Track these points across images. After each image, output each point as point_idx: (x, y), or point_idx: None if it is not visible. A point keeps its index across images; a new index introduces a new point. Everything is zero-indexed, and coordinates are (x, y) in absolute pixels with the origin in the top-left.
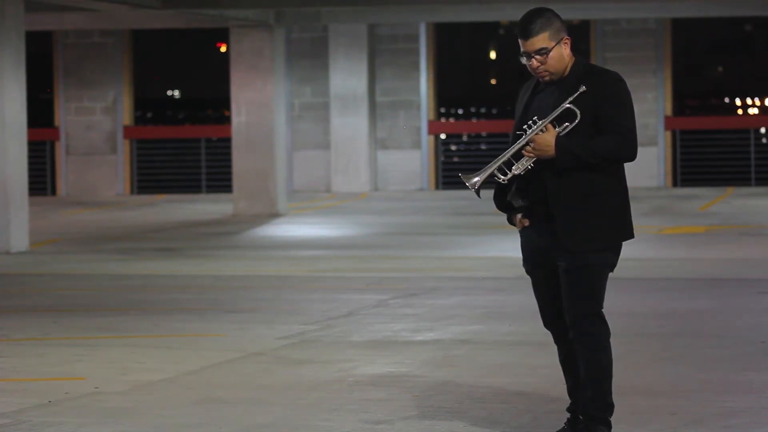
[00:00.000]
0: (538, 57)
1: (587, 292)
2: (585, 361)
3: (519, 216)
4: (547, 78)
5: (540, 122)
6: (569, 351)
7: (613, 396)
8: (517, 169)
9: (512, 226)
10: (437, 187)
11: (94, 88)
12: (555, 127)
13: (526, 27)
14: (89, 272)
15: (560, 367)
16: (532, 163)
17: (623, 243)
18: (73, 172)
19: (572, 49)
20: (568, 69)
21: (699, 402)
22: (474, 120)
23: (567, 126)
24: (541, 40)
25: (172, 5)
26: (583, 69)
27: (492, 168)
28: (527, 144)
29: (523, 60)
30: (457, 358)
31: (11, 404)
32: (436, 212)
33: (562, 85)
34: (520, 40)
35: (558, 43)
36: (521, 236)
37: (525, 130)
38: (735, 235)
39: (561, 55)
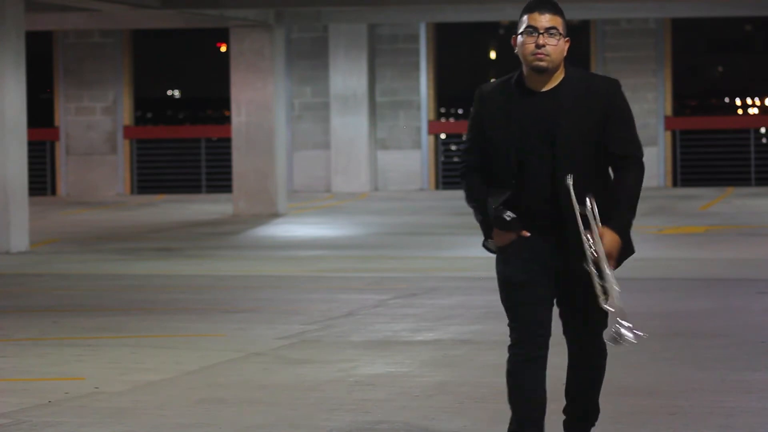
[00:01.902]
0: (546, 35)
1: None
2: (587, 376)
3: (506, 230)
4: (543, 64)
5: (592, 238)
6: (542, 366)
7: (614, 395)
8: (614, 290)
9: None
10: (437, 187)
11: (94, 88)
12: (592, 219)
13: (544, 3)
14: (89, 272)
15: (527, 380)
16: (571, 182)
17: None
18: (73, 172)
19: (570, 51)
20: (560, 77)
21: (699, 402)
22: None
23: (592, 208)
24: (556, 20)
25: (172, 5)
26: (579, 76)
27: (616, 291)
28: (599, 257)
29: (522, 36)
30: (457, 358)
31: (11, 404)
32: (436, 212)
33: (553, 96)
34: (529, 15)
35: (565, 36)
36: (513, 248)
37: (588, 258)
38: (735, 235)
39: (563, 49)
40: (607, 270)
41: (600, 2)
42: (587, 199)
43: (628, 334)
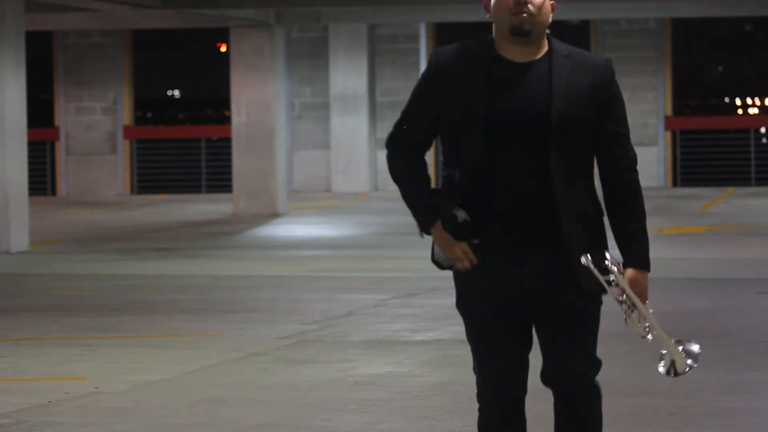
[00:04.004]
0: None
1: (595, 341)
2: (581, 421)
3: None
4: (525, 26)
5: (624, 293)
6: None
7: (614, 395)
8: (653, 328)
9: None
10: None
11: (94, 88)
12: (618, 276)
13: None
14: (89, 272)
15: None
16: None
17: None
18: (73, 172)
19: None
20: (545, 49)
21: (699, 402)
22: None
23: (613, 270)
24: None
25: (172, 5)
26: (568, 50)
27: (671, 342)
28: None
29: None
30: (457, 358)
31: (11, 404)
32: None
33: (539, 69)
34: None
35: None
36: (476, 273)
37: (620, 301)
38: (735, 235)
39: (548, 12)
40: (646, 311)
41: (600, 2)
42: (607, 257)
43: (690, 362)
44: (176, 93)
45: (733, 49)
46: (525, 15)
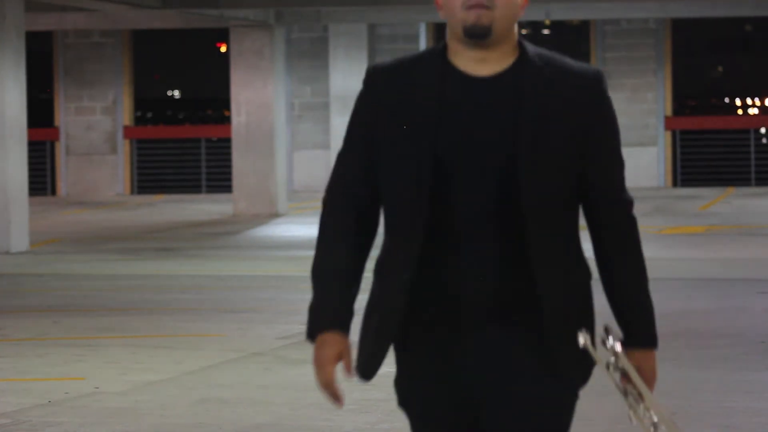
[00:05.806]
0: None
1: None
2: None
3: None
4: (484, 21)
5: (631, 381)
6: None
7: (614, 395)
8: (662, 422)
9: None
10: None
11: (94, 88)
12: (608, 343)
13: None
14: (89, 272)
15: None
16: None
17: None
18: (73, 172)
19: (566, 46)
20: (513, 56)
21: (699, 402)
22: None
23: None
24: None
25: (172, 5)
26: (544, 58)
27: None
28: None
29: None
30: None
31: (11, 404)
32: None
33: (505, 84)
34: None
35: None
36: (425, 375)
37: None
38: (735, 235)
39: (515, 4)
40: (656, 403)
41: (600, 2)
42: (608, 337)
43: None
44: (176, 93)
45: (733, 49)
46: (483, 8)
